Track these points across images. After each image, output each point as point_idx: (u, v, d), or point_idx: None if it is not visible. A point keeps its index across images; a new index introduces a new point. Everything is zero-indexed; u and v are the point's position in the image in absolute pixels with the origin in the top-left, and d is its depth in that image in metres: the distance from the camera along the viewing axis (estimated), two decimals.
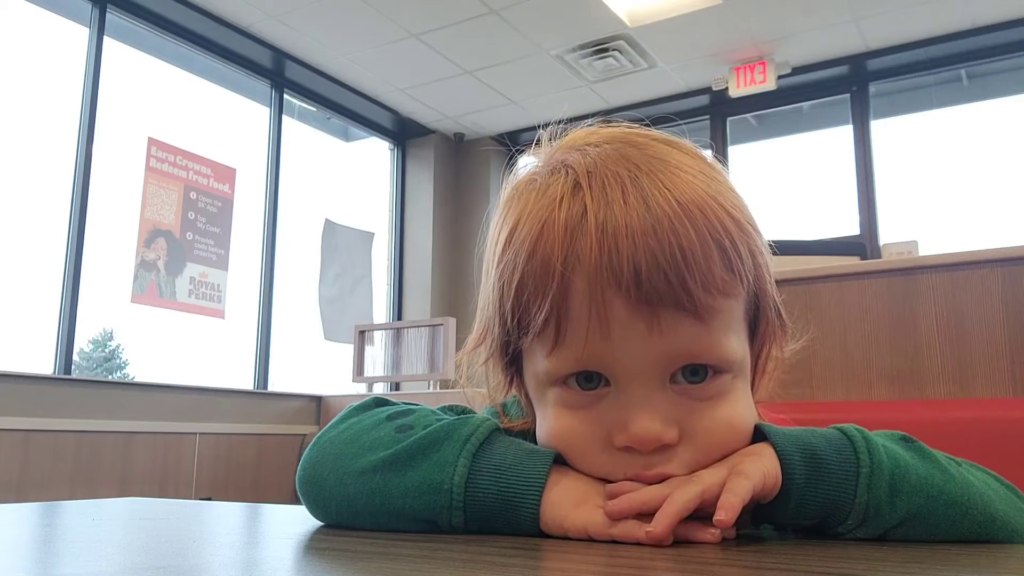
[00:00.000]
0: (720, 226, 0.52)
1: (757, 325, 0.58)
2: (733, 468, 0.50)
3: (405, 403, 0.63)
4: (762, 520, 0.53)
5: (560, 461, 0.55)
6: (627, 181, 0.53)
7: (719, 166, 0.59)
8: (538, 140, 0.64)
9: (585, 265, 0.51)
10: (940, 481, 0.52)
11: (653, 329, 0.50)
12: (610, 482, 0.52)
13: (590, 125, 0.63)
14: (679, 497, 0.48)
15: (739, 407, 0.54)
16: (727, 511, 0.46)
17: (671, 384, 0.52)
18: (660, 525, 0.47)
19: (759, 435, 0.54)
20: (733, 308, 0.54)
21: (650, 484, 0.51)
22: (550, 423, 0.55)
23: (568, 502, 0.51)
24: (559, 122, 0.68)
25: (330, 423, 0.63)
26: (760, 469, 0.49)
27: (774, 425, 0.54)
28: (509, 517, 0.52)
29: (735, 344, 0.54)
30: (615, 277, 0.50)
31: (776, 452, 0.51)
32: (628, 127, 0.62)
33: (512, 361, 0.60)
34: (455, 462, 0.53)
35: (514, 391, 0.64)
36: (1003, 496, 0.56)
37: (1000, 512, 0.53)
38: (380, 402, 0.64)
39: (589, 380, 0.53)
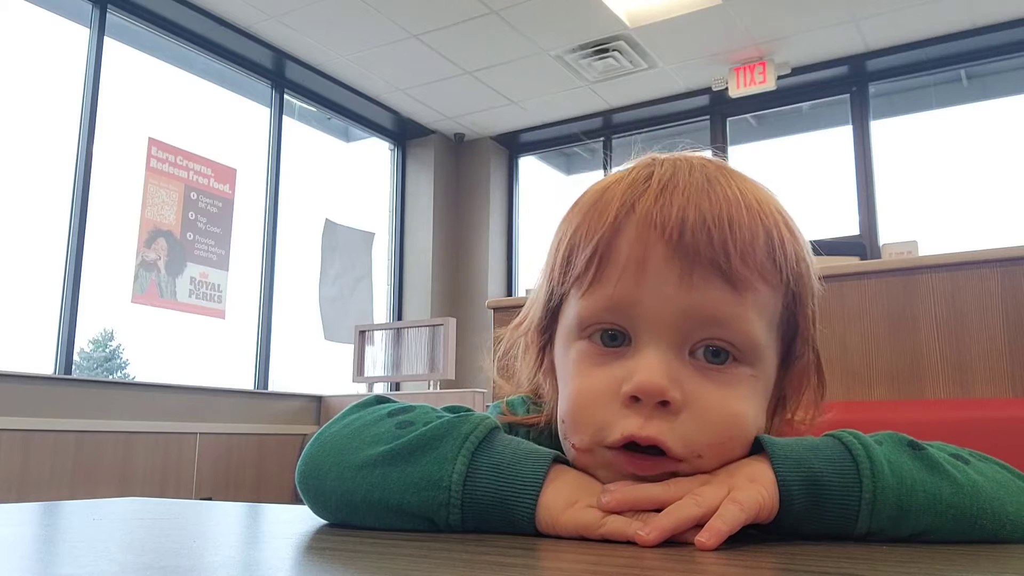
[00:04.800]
0: (772, 219, 0.55)
1: (792, 353, 0.59)
2: (731, 491, 0.49)
3: (405, 402, 0.64)
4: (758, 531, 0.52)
5: (559, 461, 0.55)
6: (697, 168, 0.57)
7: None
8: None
9: (638, 214, 0.54)
10: (948, 495, 0.51)
11: (684, 280, 0.52)
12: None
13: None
14: (679, 514, 0.48)
15: (747, 405, 0.54)
16: (712, 536, 0.46)
17: (690, 357, 0.54)
18: (653, 534, 0.47)
19: (759, 446, 0.54)
20: (768, 297, 0.55)
21: (642, 446, 0.52)
22: (569, 380, 0.57)
23: (560, 503, 0.51)
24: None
25: (331, 420, 0.63)
26: (757, 500, 0.49)
27: (776, 440, 0.53)
28: (505, 516, 0.52)
29: (762, 332, 0.55)
30: (662, 225, 0.53)
31: (776, 479, 0.50)
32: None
33: (547, 328, 0.62)
34: (454, 459, 0.53)
35: (540, 376, 0.65)
36: (1015, 493, 0.54)
37: (1012, 514, 0.52)
38: (381, 400, 0.64)
39: (613, 339, 0.55)
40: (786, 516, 0.50)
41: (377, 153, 5.87)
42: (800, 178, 5.27)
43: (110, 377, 4.45)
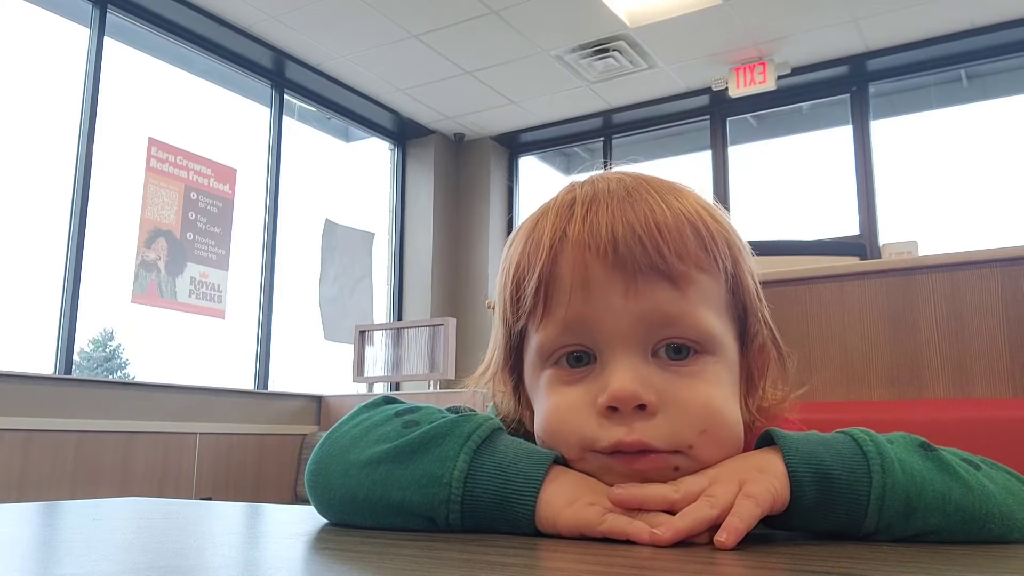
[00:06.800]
0: (696, 214, 0.57)
1: (746, 332, 0.60)
2: (743, 486, 0.50)
3: (413, 403, 0.64)
4: (766, 525, 0.53)
5: (559, 462, 0.55)
6: (615, 183, 0.59)
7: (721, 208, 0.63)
8: None
9: (571, 239, 0.56)
10: (958, 497, 0.51)
11: (630, 290, 0.54)
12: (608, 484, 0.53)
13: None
14: (694, 516, 0.48)
15: (718, 390, 0.56)
16: (730, 535, 0.46)
17: (654, 359, 0.55)
18: (668, 534, 0.47)
19: (768, 438, 0.55)
20: (710, 286, 0.57)
21: (630, 451, 0.52)
22: (544, 404, 0.57)
23: (561, 501, 0.51)
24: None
25: (340, 420, 0.64)
26: (770, 492, 0.49)
27: (788, 433, 0.54)
28: (505, 515, 0.52)
29: (713, 320, 0.56)
30: (595, 244, 0.55)
31: (787, 470, 0.51)
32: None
33: (514, 367, 0.63)
34: (456, 457, 0.54)
35: (519, 410, 0.65)
36: None
37: (1020, 520, 0.53)
38: (389, 400, 0.65)
39: (579, 360, 0.56)
40: (796, 509, 0.51)
41: (377, 153, 5.87)
42: (800, 178, 5.27)
43: (110, 377, 4.45)
